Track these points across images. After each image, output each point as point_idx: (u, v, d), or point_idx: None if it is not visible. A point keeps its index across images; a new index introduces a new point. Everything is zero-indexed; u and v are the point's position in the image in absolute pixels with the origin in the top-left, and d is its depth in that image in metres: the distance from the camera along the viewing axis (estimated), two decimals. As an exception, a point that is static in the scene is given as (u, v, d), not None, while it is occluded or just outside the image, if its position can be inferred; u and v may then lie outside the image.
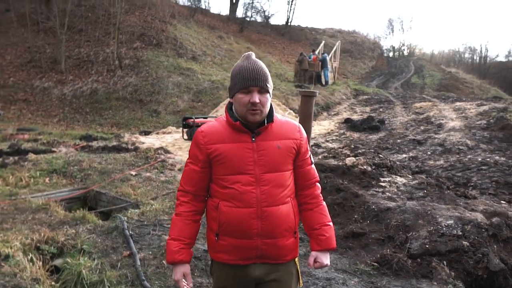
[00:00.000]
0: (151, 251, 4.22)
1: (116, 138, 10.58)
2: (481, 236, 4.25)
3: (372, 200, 5.09)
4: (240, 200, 1.85)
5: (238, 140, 1.87)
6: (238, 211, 1.85)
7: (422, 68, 40.77)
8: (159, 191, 6.38)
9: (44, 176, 7.13)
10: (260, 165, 1.86)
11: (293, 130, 1.98)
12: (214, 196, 1.94)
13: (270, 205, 1.86)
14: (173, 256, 1.93)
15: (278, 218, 1.88)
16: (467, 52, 59.02)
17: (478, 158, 8.01)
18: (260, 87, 1.83)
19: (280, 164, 1.90)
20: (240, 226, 1.86)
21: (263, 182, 1.86)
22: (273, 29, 39.03)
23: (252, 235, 1.86)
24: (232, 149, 1.86)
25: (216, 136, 1.89)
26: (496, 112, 12.55)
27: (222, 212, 1.88)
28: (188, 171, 1.98)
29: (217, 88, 16.69)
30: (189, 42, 21.70)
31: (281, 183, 1.90)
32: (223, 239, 1.90)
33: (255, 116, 1.84)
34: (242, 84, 1.83)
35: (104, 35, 19.99)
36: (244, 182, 1.85)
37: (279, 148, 1.90)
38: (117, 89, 16.71)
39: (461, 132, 10.82)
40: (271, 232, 1.88)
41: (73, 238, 4.46)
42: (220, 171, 1.89)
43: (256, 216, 1.85)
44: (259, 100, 1.82)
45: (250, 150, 1.87)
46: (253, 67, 1.86)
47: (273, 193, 1.87)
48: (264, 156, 1.87)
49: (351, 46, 40.24)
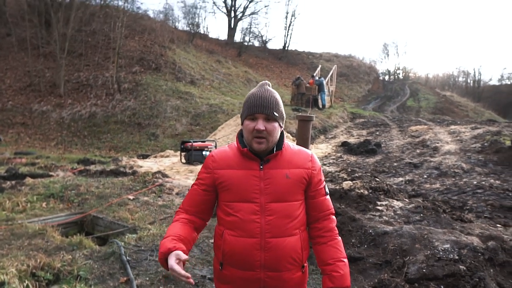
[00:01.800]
0: (148, 277, 4.20)
1: (114, 162, 10.60)
2: (477, 260, 4.26)
3: (369, 224, 5.11)
4: (244, 229, 1.78)
5: (246, 167, 1.83)
6: (241, 241, 1.78)
7: (418, 92, 41.30)
8: (156, 216, 6.37)
9: (41, 201, 7.12)
10: (266, 194, 1.79)
11: (305, 159, 1.90)
12: (220, 223, 1.89)
13: (275, 236, 1.78)
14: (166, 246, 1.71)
15: (283, 250, 1.79)
16: (461, 76, 59.95)
17: (474, 182, 8.06)
18: (267, 114, 1.78)
19: (288, 194, 1.82)
20: (243, 257, 1.79)
21: (268, 212, 1.79)
22: (270, 53, 39.65)
23: (255, 267, 1.79)
24: (239, 175, 1.82)
25: (225, 161, 1.87)
26: (490, 135, 12.67)
27: (226, 241, 1.82)
28: (192, 192, 1.94)
29: (215, 111, 16.82)
30: (187, 66, 21.99)
31: (288, 213, 1.81)
32: (227, 269, 1.85)
33: (260, 145, 1.79)
34: (249, 110, 1.81)
35: (104, 59, 20.26)
36: (248, 210, 1.79)
37: (287, 178, 1.82)
38: (115, 113, 16.81)
39: (456, 155, 10.90)
40: (275, 264, 1.79)
41: (70, 264, 4.44)
42: (225, 197, 1.85)
43: (260, 247, 1.77)
44: (265, 128, 1.77)
45: (257, 178, 1.81)
46: (262, 94, 1.83)
47: (278, 223, 1.79)
48: (271, 185, 1.80)
49: (347, 70, 40.84)
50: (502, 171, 9.11)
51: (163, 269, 4.35)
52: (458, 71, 65.67)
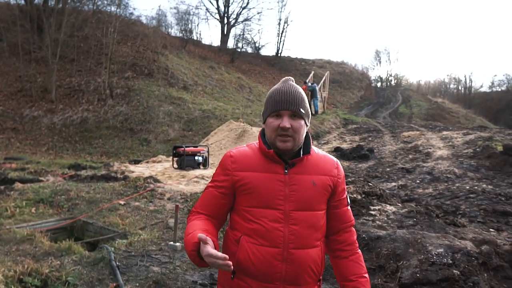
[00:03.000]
0: (138, 283, 4.12)
1: (106, 167, 10.50)
2: (471, 265, 4.24)
3: (363, 228, 5.08)
4: (265, 237, 1.63)
5: (270, 170, 1.67)
6: (262, 250, 1.62)
7: (409, 98, 41.63)
8: (147, 221, 6.29)
9: (30, 206, 7.00)
10: (291, 201, 1.64)
11: (331, 166, 1.76)
12: (235, 228, 1.72)
13: (298, 247, 1.64)
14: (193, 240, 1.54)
15: (305, 263, 1.65)
16: (452, 83, 60.57)
17: (466, 186, 8.09)
18: (292, 111, 1.64)
19: (314, 203, 1.68)
20: (262, 267, 1.63)
21: (292, 221, 1.64)
22: (263, 59, 39.79)
23: (275, 279, 1.64)
24: (263, 179, 1.66)
25: (246, 162, 1.70)
26: (482, 141, 12.77)
27: (243, 248, 1.65)
28: (208, 194, 1.77)
29: (208, 117, 16.78)
30: (180, 72, 21.96)
31: (313, 223, 1.68)
32: (240, 278, 1.67)
33: (286, 144, 1.63)
34: (273, 107, 1.66)
35: (96, 64, 20.16)
36: (271, 218, 1.63)
37: (314, 185, 1.68)
38: (107, 118, 16.70)
39: (448, 160, 10.95)
40: (296, 277, 1.65)
41: (58, 270, 4.35)
42: (245, 202, 1.68)
43: (282, 258, 1.62)
44: (291, 125, 1.62)
45: (281, 183, 1.65)
46: (287, 90, 1.68)
47: (303, 234, 1.65)
48: (297, 192, 1.66)
49: (340, 76, 41.08)
50: (494, 176, 9.16)
51: (153, 275, 4.28)
52: (449, 78, 66.36)
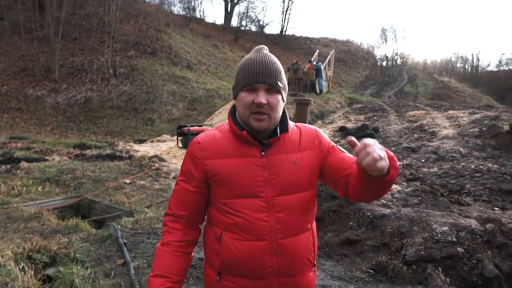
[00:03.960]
0: (145, 260, 4.18)
1: (110, 147, 10.54)
2: (475, 243, 4.26)
3: (367, 207, 5.09)
4: (249, 231, 1.46)
5: (245, 154, 1.49)
6: (248, 245, 1.46)
7: (415, 77, 41.20)
8: (153, 199, 6.34)
9: (36, 185, 7.07)
10: (273, 186, 1.47)
11: (311, 138, 1.58)
12: (214, 224, 1.55)
13: (287, 235, 1.48)
14: None
15: (297, 251, 1.51)
16: (459, 62, 59.74)
17: (471, 166, 8.06)
18: (269, 84, 1.44)
19: (298, 184, 1.50)
20: (250, 264, 1.47)
21: (277, 208, 1.47)
22: (267, 38, 39.31)
23: (266, 275, 1.48)
24: (237, 165, 1.47)
25: (216, 148, 1.51)
26: (488, 120, 12.66)
27: (226, 246, 1.48)
28: (180, 191, 1.58)
29: (212, 96, 16.71)
30: (184, 51, 21.77)
31: (300, 207, 1.51)
32: (228, 279, 1.51)
33: (261, 123, 1.45)
34: (247, 79, 1.45)
35: (99, 43, 20.01)
36: (253, 208, 1.46)
37: (295, 164, 1.50)
38: (111, 98, 16.66)
39: (454, 140, 10.89)
40: (289, 269, 1.50)
41: (66, 247, 4.41)
42: (221, 193, 1.50)
43: (271, 251, 1.47)
44: (266, 101, 1.43)
45: (259, 167, 1.47)
46: (262, 60, 1.47)
47: (290, 220, 1.48)
48: (277, 175, 1.48)
49: (345, 55, 40.60)
50: (500, 155, 9.11)
51: (160, 252, 4.33)
52: (456, 56, 65.45)
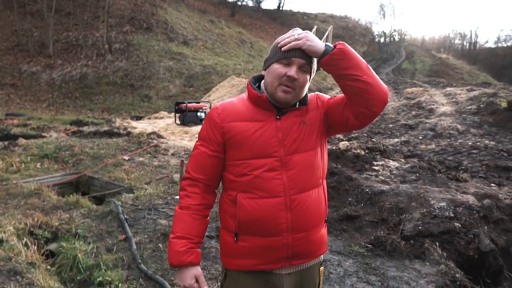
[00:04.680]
0: (146, 235, 4.22)
1: (108, 123, 10.49)
2: (472, 218, 4.32)
3: (366, 183, 5.14)
4: (264, 189, 1.53)
5: (261, 118, 1.57)
6: (263, 203, 1.53)
7: (413, 54, 40.92)
8: (152, 176, 6.36)
9: (35, 161, 7.06)
10: (285, 146, 1.55)
11: (312, 101, 1.66)
12: (229, 188, 1.62)
13: (299, 191, 1.55)
14: (180, 258, 1.58)
15: (310, 206, 1.58)
16: (457, 38, 59.20)
17: (469, 142, 8.10)
18: (304, 62, 1.52)
19: (308, 142, 1.58)
20: (265, 221, 1.54)
21: (289, 166, 1.55)
22: (264, 13, 38.70)
23: (281, 231, 1.55)
24: (254, 128, 1.55)
25: (234, 113, 1.59)
26: (486, 97, 12.64)
27: (242, 206, 1.55)
28: (199, 155, 1.64)
29: (209, 73, 16.54)
30: (180, 26, 21.40)
31: (310, 164, 1.58)
32: (244, 239, 1.58)
33: (287, 95, 1.53)
34: (285, 53, 1.51)
35: (93, 18, 19.61)
36: (268, 167, 1.53)
37: (304, 124, 1.59)
38: (107, 74, 16.46)
39: (451, 117, 10.91)
40: (302, 224, 1.57)
41: (67, 223, 4.45)
42: (237, 155, 1.57)
43: (285, 207, 1.54)
44: (298, 77, 1.51)
45: (274, 129, 1.56)
46: None
47: (302, 177, 1.56)
48: (289, 135, 1.56)
49: (342, 31, 40.12)
50: (497, 132, 9.15)
51: (161, 227, 4.37)
52: (455, 33, 64.79)
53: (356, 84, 1.51)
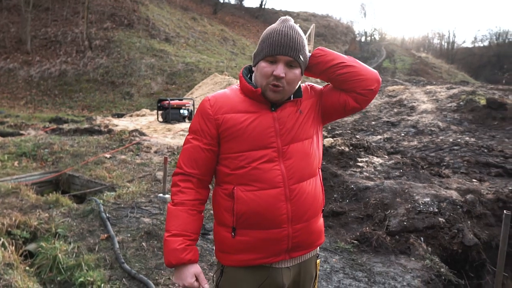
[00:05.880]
0: (129, 234, 4.13)
1: (88, 121, 10.28)
2: (456, 213, 4.37)
3: (351, 179, 5.15)
4: (263, 180, 1.50)
5: (255, 110, 1.54)
6: (262, 194, 1.50)
7: (394, 53, 41.51)
8: (135, 174, 6.24)
9: (12, 160, 6.86)
10: (282, 135, 1.53)
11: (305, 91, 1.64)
12: (224, 182, 1.58)
13: (297, 181, 1.53)
14: (179, 255, 1.52)
15: (308, 196, 1.56)
16: (436, 38, 60.29)
17: (450, 139, 8.23)
18: (291, 57, 1.47)
19: (304, 131, 1.57)
20: (266, 213, 1.51)
21: (287, 155, 1.53)
22: (246, 11, 38.62)
23: (281, 222, 1.52)
24: (249, 119, 1.52)
25: (227, 104, 1.55)
26: (465, 95, 12.88)
27: (240, 199, 1.51)
28: (191, 149, 1.59)
29: (192, 70, 16.37)
30: (161, 23, 21.13)
31: (307, 153, 1.57)
32: (243, 233, 1.54)
33: (276, 94, 1.50)
34: (269, 50, 1.47)
35: (72, 14, 19.19)
36: (266, 158, 1.51)
37: (300, 113, 1.57)
38: (87, 71, 16.10)
39: (432, 114, 11.07)
40: (302, 214, 1.55)
41: (47, 222, 4.32)
42: (233, 148, 1.53)
43: (285, 198, 1.51)
44: (285, 75, 1.47)
45: (270, 119, 1.53)
46: (287, 31, 1.48)
47: (299, 166, 1.54)
48: (285, 124, 1.54)
49: (324, 30, 40.37)
50: (476, 129, 9.34)
51: (144, 226, 4.28)
52: (433, 33, 65.91)
53: (345, 70, 1.55)
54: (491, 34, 52.62)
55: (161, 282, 3.27)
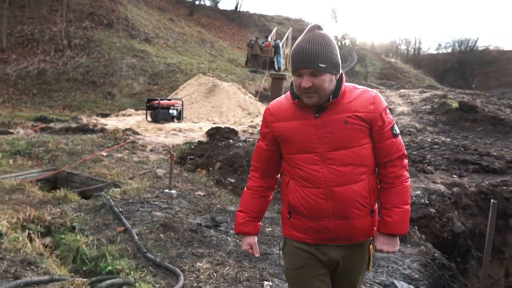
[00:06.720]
0: (145, 226, 4.31)
1: (74, 120, 10.26)
2: (445, 204, 4.81)
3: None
4: (308, 180, 1.74)
5: (302, 117, 1.75)
6: (307, 191, 1.75)
7: (365, 58, 42.60)
8: (135, 171, 6.38)
9: (7, 158, 6.84)
10: (326, 143, 1.71)
11: (366, 102, 1.74)
12: (285, 173, 1.89)
13: (340, 184, 1.71)
14: (239, 227, 1.99)
15: (350, 198, 1.72)
16: (403, 44, 62.06)
17: (428, 139, 8.79)
18: (313, 69, 1.64)
19: (349, 140, 1.71)
20: (309, 207, 1.75)
21: (330, 161, 1.71)
22: (222, 14, 38.74)
23: (323, 216, 1.74)
24: (295, 127, 1.75)
25: (281, 113, 1.81)
26: (438, 98, 13.63)
27: (291, 191, 1.80)
28: (258, 148, 1.95)
29: (174, 71, 16.45)
30: (141, 23, 21.05)
31: (352, 160, 1.71)
32: (296, 217, 1.83)
33: (311, 99, 1.69)
34: (293, 67, 1.70)
35: (50, 12, 18.80)
36: (309, 161, 1.73)
37: (346, 123, 1.70)
38: (67, 70, 15.87)
39: (409, 116, 11.68)
40: (343, 212, 1.73)
41: (60, 217, 4.43)
42: (287, 150, 1.81)
43: (326, 197, 1.72)
44: (312, 84, 1.65)
45: (313, 127, 1.72)
46: (305, 46, 1.66)
47: (342, 172, 1.70)
48: (329, 133, 1.70)
49: (298, 33, 40.83)
50: (450, 130, 9.99)
51: (158, 219, 4.47)
52: (401, 39, 68.12)
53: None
54: (454, 41, 54.61)
55: (186, 269, 3.48)
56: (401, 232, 1.81)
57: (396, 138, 1.79)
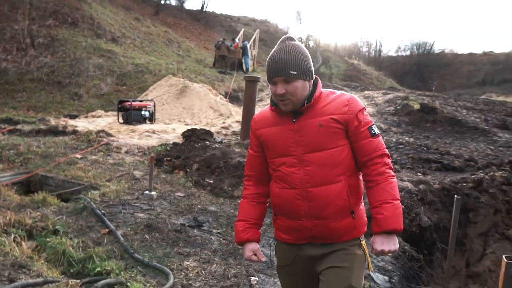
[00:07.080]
0: (129, 228, 4.38)
1: (42, 122, 10.01)
2: (412, 200, 5.17)
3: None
4: (286, 181, 1.86)
5: (281, 123, 1.88)
6: (284, 192, 1.87)
7: (329, 59, 43.61)
8: (111, 173, 6.39)
9: (-25, 161, 6.65)
10: (302, 146, 1.82)
11: (340, 104, 1.82)
12: (272, 177, 2.00)
13: (315, 185, 1.81)
14: (239, 235, 2.03)
15: (325, 199, 1.80)
16: (365, 46, 63.84)
17: (393, 139, 9.26)
18: (283, 76, 1.77)
19: (324, 143, 1.81)
20: (287, 207, 1.88)
21: (306, 163, 1.82)
22: (188, 14, 38.49)
23: (300, 216, 1.85)
24: (275, 132, 1.88)
25: (263, 121, 1.96)
26: (400, 100, 14.27)
27: (273, 192, 1.95)
28: (249, 156, 2.08)
29: (142, 72, 16.29)
30: (106, 22, 20.63)
31: (328, 162, 1.80)
32: (279, 218, 1.96)
33: (286, 106, 1.82)
34: (268, 76, 1.82)
35: (11, 9, 18.08)
36: (288, 164, 1.85)
37: (321, 126, 1.80)
38: (31, 70, 15.35)
39: (374, 117, 12.18)
40: (319, 213, 1.82)
41: (42, 220, 4.42)
42: (269, 155, 1.94)
43: (302, 198, 1.83)
44: (285, 90, 1.77)
45: (291, 132, 1.84)
46: (277, 56, 1.80)
47: (317, 173, 1.80)
48: (305, 136, 1.82)
49: (264, 35, 41.29)
50: (413, 130, 10.54)
51: (141, 220, 4.56)
52: (362, 41, 70.02)
53: None
54: (413, 44, 56.85)
55: (174, 267, 3.60)
56: (395, 227, 1.76)
57: (374, 138, 1.83)
